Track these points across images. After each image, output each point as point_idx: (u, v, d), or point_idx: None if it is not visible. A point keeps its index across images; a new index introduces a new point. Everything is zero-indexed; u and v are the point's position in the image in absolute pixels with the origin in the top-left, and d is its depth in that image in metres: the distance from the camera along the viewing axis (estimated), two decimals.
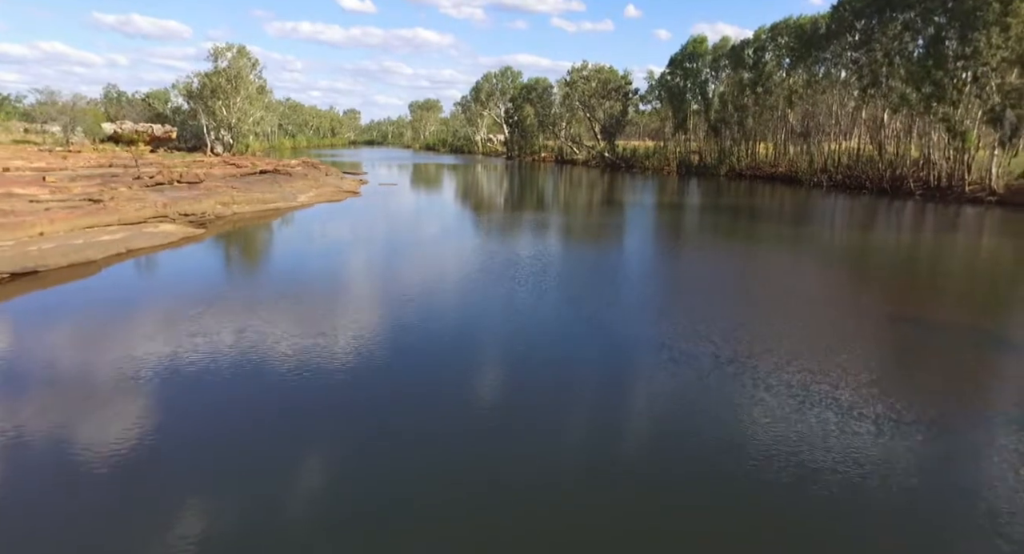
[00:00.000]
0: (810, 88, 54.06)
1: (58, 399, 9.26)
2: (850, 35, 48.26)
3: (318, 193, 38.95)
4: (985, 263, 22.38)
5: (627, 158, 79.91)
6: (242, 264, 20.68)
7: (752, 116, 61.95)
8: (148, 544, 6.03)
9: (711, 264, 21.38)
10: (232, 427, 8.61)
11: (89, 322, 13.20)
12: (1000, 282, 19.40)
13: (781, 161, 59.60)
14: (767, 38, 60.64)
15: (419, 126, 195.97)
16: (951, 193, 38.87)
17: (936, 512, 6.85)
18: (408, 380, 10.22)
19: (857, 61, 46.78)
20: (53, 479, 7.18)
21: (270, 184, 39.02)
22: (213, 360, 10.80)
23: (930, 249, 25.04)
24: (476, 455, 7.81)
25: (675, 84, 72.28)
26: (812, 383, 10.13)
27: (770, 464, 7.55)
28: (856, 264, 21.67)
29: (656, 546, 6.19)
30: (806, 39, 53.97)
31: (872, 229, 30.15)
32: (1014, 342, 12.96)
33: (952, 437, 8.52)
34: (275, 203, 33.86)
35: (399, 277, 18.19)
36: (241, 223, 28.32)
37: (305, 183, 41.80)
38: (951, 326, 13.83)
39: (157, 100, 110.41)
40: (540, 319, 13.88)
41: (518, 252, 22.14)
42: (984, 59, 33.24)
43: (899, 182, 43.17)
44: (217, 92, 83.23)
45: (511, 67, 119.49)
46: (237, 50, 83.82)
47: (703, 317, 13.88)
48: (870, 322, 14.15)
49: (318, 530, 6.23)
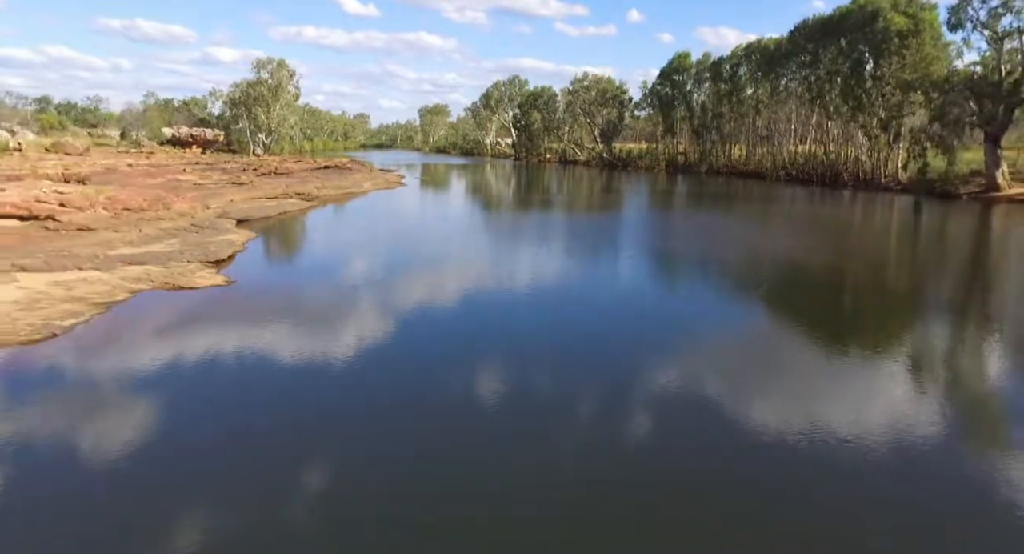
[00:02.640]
0: (773, 99, 64.78)
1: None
2: (802, 56, 58.96)
3: (375, 183, 49.71)
4: (861, 220, 33.05)
5: (623, 158, 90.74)
6: (358, 215, 31.44)
7: (728, 122, 72.73)
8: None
9: (690, 224, 32.09)
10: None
11: (303, 234, 23.97)
12: (867, 229, 30.10)
13: (751, 160, 70.31)
14: (742, 55, 71.41)
15: (429, 130, 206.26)
16: (872, 184, 49.55)
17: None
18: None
19: (807, 78, 57.48)
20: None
21: (337, 175, 49.80)
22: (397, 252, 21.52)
23: (832, 215, 35.74)
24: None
25: (664, 93, 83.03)
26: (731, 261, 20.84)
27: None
28: (783, 224, 32.37)
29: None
30: (770, 58, 64.71)
31: (804, 205, 40.87)
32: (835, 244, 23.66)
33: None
34: (348, 188, 44.60)
35: (463, 225, 28.93)
36: (332, 200, 39.02)
37: (362, 175, 52.60)
38: (820, 243, 24.56)
39: (196, 106, 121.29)
40: (577, 250, 24.61)
41: (549, 216, 32.88)
42: (887, 80, 43.88)
43: (836, 176, 53.88)
44: (259, 100, 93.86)
45: (519, 76, 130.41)
46: (277, 63, 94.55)
47: (683, 244, 24.60)
48: (778, 244, 24.88)
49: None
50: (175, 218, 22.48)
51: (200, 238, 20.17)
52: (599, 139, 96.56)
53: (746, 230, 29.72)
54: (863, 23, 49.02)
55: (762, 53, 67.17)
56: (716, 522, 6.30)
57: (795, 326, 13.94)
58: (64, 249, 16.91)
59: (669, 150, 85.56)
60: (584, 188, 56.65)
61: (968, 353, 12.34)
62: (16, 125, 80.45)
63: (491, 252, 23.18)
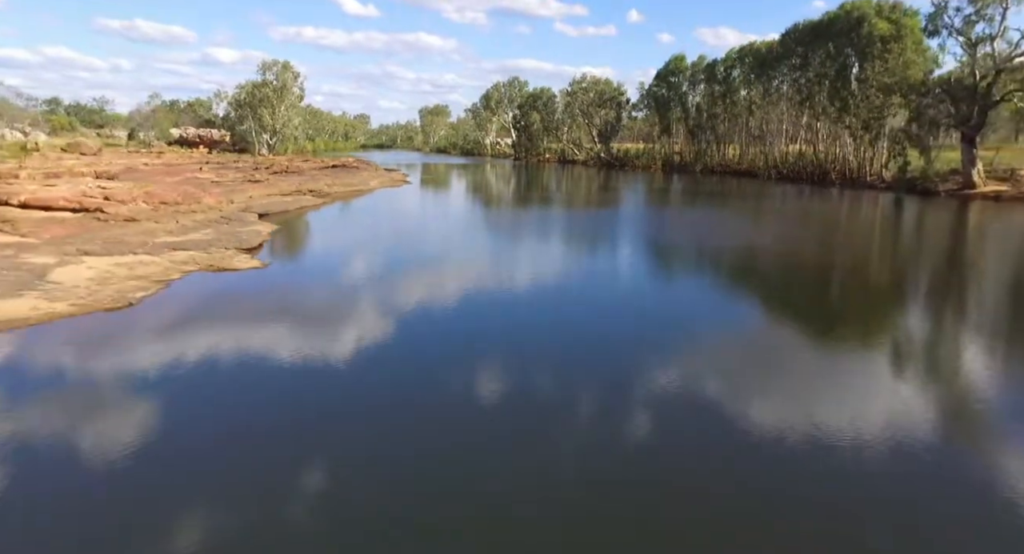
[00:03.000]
0: (765, 101, 66.92)
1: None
2: (793, 59, 61.11)
3: (381, 181, 51.78)
4: (844, 215, 35.18)
5: (620, 158, 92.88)
6: (369, 210, 33.54)
7: (722, 122, 74.86)
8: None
9: (683, 216, 34.18)
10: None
11: (321, 225, 26.07)
12: (850, 224, 32.19)
13: (744, 160, 72.44)
14: (736, 58, 73.55)
15: (429, 130, 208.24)
16: (858, 182, 51.66)
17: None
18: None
19: (797, 80, 59.64)
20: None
21: (345, 174, 51.89)
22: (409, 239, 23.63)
23: (818, 211, 37.85)
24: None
25: (660, 94, 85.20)
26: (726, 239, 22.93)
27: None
28: (772, 219, 34.48)
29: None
30: (762, 60, 66.87)
31: (793, 202, 42.99)
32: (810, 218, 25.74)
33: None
34: (356, 186, 46.67)
35: (468, 220, 31.01)
36: (342, 197, 41.09)
37: (368, 174, 54.69)
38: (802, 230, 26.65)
39: (201, 107, 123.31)
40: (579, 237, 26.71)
41: (548, 210, 34.96)
42: (871, 83, 46.06)
43: (825, 175, 56.00)
44: (264, 101, 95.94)
45: (518, 77, 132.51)
46: (282, 65, 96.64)
47: (677, 237, 26.68)
48: (765, 238, 26.98)
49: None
50: (205, 211, 24.56)
51: (231, 229, 22.25)
52: (597, 139, 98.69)
53: (738, 225, 31.86)
54: (850, 28, 51.17)
55: (755, 56, 69.32)
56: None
57: (786, 314, 15.29)
58: (116, 237, 18.99)
59: (665, 150, 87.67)
60: (582, 187, 58.76)
61: (945, 338, 14.31)
62: (27, 126, 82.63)
63: (495, 243, 25.31)
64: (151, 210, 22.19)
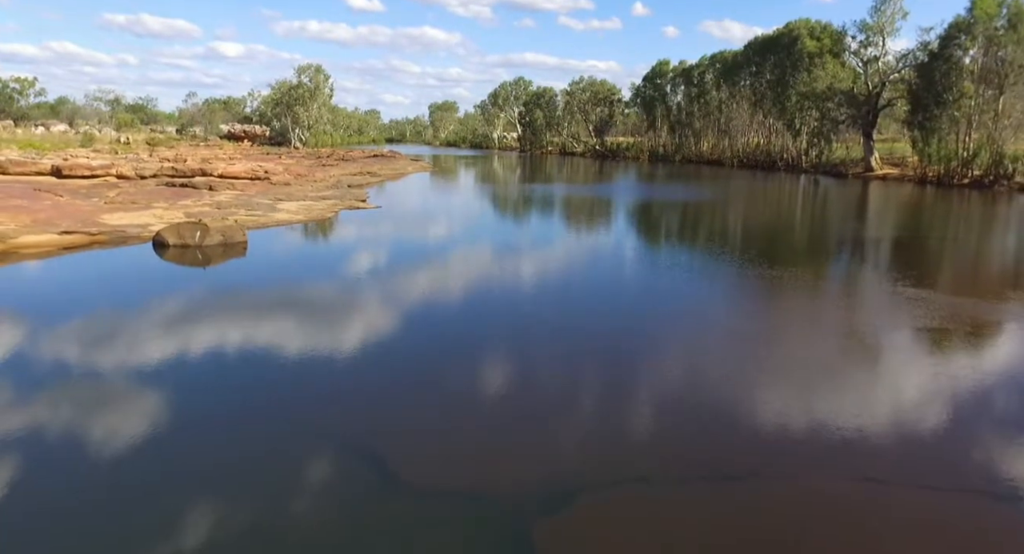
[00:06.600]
0: (731, 100, 79.86)
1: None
2: (751, 67, 74.07)
3: (415, 168, 64.88)
4: (768, 186, 48.27)
5: (613, 150, 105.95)
6: (418, 185, 46.76)
7: (698, 119, 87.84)
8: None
9: (659, 192, 47.33)
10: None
11: (392, 191, 39.38)
12: (765, 189, 45.28)
13: (715, 151, 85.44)
14: (707, 64, 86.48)
15: (439, 125, 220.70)
16: (795, 168, 64.67)
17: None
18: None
19: (753, 84, 72.61)
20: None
21: (385, 162, 65.01)
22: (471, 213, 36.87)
23: (753, 185, 50.92)
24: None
25: (648, 95, 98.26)
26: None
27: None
28: (714, 185, 47.60)
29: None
30: (729, 67, 79.80)
31: (743, 182, 56.09)
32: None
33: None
34: (399, 170, 59.75)
35: (492, 187, 44.16)
36: (391, 177, 54.10)
37: (403, 162, 67.83)
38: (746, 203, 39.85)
39: (236, 105, 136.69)
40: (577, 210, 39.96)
41: (551, 189, 48.13)
42: (798, 90, 59.05)
43: (773, 162, 69.02)
44: (300, 100, 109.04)
45: (523, 77, 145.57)
46: (315, 68, 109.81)
47: (645, 193, 39.87)
48: (716, 203, 40.16)
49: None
50: (320, 181, 37.66)
51: (345, 191, 35.41)
52: (593, 134, 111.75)
53: (690, 192, 45.01)
54: (789, 44, 64.20)
55: (723, 63, 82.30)
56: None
57: (737, 256, 29.04)
58: (286, 193, 32.14)
59: (651, 143, 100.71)
60: (580, 173, 71.88)
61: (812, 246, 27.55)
62: (97, 124, 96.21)
63: (521, 200, 38.40)
64: (293, 179, 35.07)
